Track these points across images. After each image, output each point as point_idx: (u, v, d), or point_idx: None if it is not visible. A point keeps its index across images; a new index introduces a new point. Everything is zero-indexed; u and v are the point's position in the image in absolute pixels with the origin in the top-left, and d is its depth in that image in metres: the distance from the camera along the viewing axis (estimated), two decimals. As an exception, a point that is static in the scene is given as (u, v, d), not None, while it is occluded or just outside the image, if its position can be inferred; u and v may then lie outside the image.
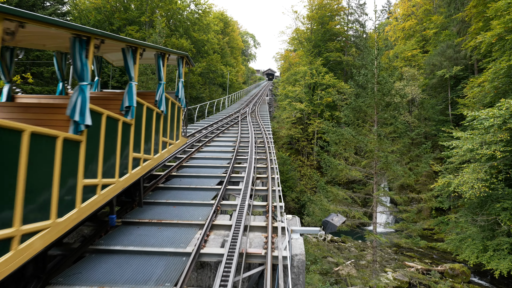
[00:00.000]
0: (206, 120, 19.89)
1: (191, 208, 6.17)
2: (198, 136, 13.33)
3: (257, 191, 7.33)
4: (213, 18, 57.61)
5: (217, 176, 8.17)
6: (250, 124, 16.47)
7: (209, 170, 8.76)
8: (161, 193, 7.00)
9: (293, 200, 41.10)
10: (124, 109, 4.68)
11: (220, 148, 11.49)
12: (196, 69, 31.23)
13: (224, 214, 6.53)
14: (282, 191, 30.38)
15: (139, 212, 5.88)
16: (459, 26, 45.90)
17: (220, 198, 6.47)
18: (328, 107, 45.03)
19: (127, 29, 30.79)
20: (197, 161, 9.75)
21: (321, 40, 51.40)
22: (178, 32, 33.81)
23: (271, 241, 4.80)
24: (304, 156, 45.44)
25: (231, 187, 7.39)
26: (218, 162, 9.59)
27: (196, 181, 7.85)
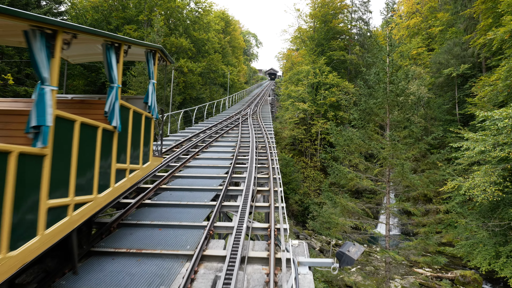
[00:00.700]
0: (205, 123, 18.96)
1: (179, 232, 5.24)
2: (195, 140, 12.42)
3: (258, 207, 6.38)
4: (214, 17, 56.74)
5: (212, 189, 7.24)
6: (251, 127, 15.53)
7: (204, 181, 7.82)
8: (146, 212, 6.07)
9: (296, 203, 40.18)
10: None
11: (217, 154, 10.57)
12: (196, 69, 30.33)
13: (219, 239, 5.58)
14: (284, 193, 29.25)
15: (117, 239, 4.95)
16: (466, 23, 44.79)
17: (214, 219, 5.53)
18: (331, 107, 43.99)
19: (124, 28, 29.93)
20: (191, 170, 8.83)
21: (324, 39, 50.35)
22: (177, 31, 32.92)
23: (273, 280, 3.86)
24: (308, 157, 44.45)
25: (227, 203, 6.44)
26: (214, 171, 8.66)
27: (189, 195, 6.92)
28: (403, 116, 9.55)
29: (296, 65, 55.59)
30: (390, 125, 9.67)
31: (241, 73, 69.09)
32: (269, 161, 9.38)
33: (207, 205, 6.31)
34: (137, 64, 26.83)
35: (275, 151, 10.56)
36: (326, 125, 42.66)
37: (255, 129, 15.19)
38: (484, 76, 29.22)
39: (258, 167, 9.08)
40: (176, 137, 13.77)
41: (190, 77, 30.40)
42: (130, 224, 5.47)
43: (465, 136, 19.01)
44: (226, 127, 16.62)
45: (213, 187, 7.32)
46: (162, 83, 26.38)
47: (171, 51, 30.35)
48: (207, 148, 11.49)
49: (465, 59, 39.68)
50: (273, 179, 7.92)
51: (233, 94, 37.30)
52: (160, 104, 26.11)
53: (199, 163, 9.46)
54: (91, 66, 31.45)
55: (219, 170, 8.73)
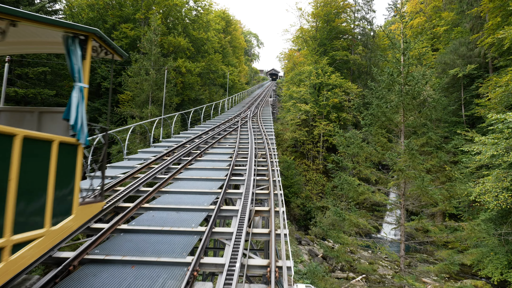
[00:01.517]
0: (202, 126, 17.88)
1: (156, 271, 4.16)
2: (189, 147, 11.35)
3: (255, 235, 5.31)
4: (215, 16, 55.75)
5: (203, 209, 6.16)
6: (250, 131, 14.46)
7: (194, 199, 6.75)
8: (119, 241, 5.00)
9: (298, 207, 39.13)
10: None
11: (212, 163, 9.50)
12: (195, 69, 29.29)
13: (205, 281, 4.50)
14: (286, 196, 28.18)
15: (76, 284, 3.88)
16: (473, 23, 43.73)
17: (201, 253, 4.45)
18: (334, 108, 42.92)
19: (121, 27, 28.93)
20: (181, 183, 7.76)
21: (326, 39, 49.28)
22: (176, 30, 31.90)
23: None
24: (310, 160, 43.37)
25: (219, 229, 5.37)
26: (207, 185, 7.59)
27: (174, 217, 5.84)
28: (420, 121, 8.48)
29: (298, 65, 54.53)
30: (405, 132, 8.60)
31: (242, 74, 68.06)
32: (269, 171, 8.31)
33: (194, 232, 5.24)
34: (134, 64, 25.85)
35: (276, 159, 9.48)
36: (329, 126, 41.63)
37: (255, 134, 14.13)
38: (495, 77, 28.07)
39: (257, 179, 8.01)
40: (169, 143, 12.73)
41: (189, 78, 29.38)
42: (97, 260, 4.39)
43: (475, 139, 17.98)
44: (224, 131, 15.56)
45: (203, 207, 6.24)
46: (159, 83, 25.36)
47: (169, 50, 29.35)
48: (201, 156, 10.43)
49: (471, 59, 38.81)
50: (274, 195, 6.85)
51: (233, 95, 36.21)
52: (156, 105, 25.14)
53: (191, 174, 8.39)
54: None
55: (213, 184, 7.66)
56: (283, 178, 39.51)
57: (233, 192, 7.14)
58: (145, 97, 24.71)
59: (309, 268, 21.71)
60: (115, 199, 6.40)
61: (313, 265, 22.18)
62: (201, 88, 33.72)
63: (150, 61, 24.92)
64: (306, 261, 26.56)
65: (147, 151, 11.06)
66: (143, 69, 23.95)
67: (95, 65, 29.42)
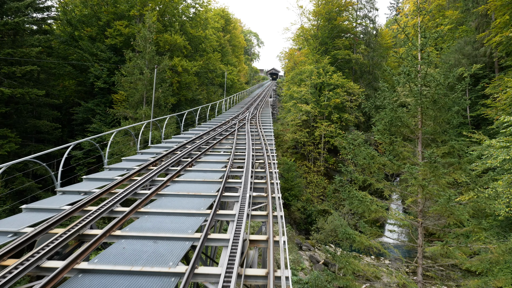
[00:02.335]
0: (197, 129, 16.71)
1: None
2: (179, 153, 10.21)
3: (249, 277, 4.18)
4: (214, 14, 54.63)
5: (186, 238, 5.05)
6: (248, 136, 13.32)
7: (177, 222, 5.64)
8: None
9: (298, 210, 38.08)
10: None
11: (203, 175, 8.37)
12: (192, 68, 28.14)
13: None
14: (286, 199, 26.88)
15: None
16: (478, 21, 42.72)
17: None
18: (336, 108, 41.78)
19: (115, 24, 27.78)
20: (164, 201, 6.63)
21: (328, 37, 48.10)
22: (173, 28, 30.74)
23: None
24: (311, 162, 42.28)
25: (203, 270, 4.24)
26: (194, 204, 6.47)
27: (149, 249, 4.72)
28: (441, 127, 7.38)
29: (298, 64, 53.43)
30: (422, 139, 7.48)
31: (242, 73, 66.93)
32: (268, 185, 7.20)
33: (171, 274, 4.12)
34: (128, 62, 24.71)
35: (275, 169, 8.36)
36: (330, 127, 40.51)
37: (253, 139, 12.99)
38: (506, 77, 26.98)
39: (253, 196, 6.88)
40: (158, 149, 11.60)
41: (185, 77, 28.22)
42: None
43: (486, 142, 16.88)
44: (220, 135, 14.41)
45: (187, 235, 5.11)
46: (153, 83, 24.21)
47: (165, 49, 28.20)
48: (191, 165, 9.30)
49: (477, 58, 37.88)
50: (273, 217, 5.73)
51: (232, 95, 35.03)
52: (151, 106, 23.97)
53: (177, 189, 7.27)
54: (80, 64, 29.34)
55: (201, 202, 6.54)
56: (283, 180, 38.40)
57: (225, 213, 6.02)
58: (139, 97, 23.60)
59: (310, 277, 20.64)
60: (81, 224, 5.29)
61: (314, 273, 21.10)
62: (199, 88, 32.58)
63: (144, 59, 23.78)
64: (307, 268, 25.49)
65: (132, 159, 9.94)
66: (137, 68, 22.83)
67: (88, 63, 28.31)
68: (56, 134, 26.91)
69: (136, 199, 6.96)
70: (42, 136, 27.94)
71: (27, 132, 26.12)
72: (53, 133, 26.63)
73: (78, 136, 30.17)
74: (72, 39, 29.89)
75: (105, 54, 28.31)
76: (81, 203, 6.18)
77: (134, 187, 7.09)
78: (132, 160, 9.77)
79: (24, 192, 22.14)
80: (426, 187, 6.12)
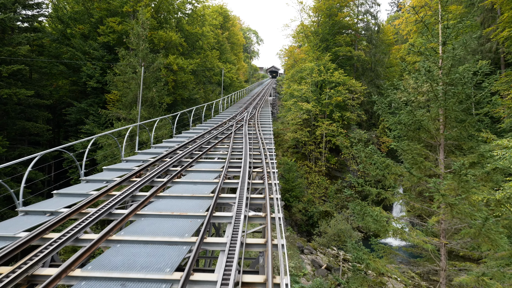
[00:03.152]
0: (191, 132, 15.60)
1: None
2: (168, 161, 9.13)
3: None
4: (212, 11, 53.43)
5: (162, 281, 3.99)
6: (245, 139, 12.24)
7: (154, 256, 4.57)
8: None
9: (300, 211, 37.09)
10: None
11: (193, 188, 7.30)
12: (188, 66, 26.98)
13: None
14: (287, 201, 25.60)
15: None
16: (484, 16, 41.66)
17: None
18: (338, 107, 40.64)
19: (107, 21, 26.63)
20: (142, 224, 5.57)
21: (329, 34, 46.87)
22: (168, 24, 29.58)
23: None
24: (312, 162, 41.18)
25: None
26: (178, 228, 5.41)
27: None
28: (467, 132, 6.30)
29: (299, 62, 52.21)
30: (445, 146, 6.40)
31: (241, 71, 65.75)
32: (266, 200, 6.14)
33: None
34: (122, 59, 23.56)
35: (276, 181, 7.29)
36: (332, 126, 39.40)
37: (250, 143, 11.90)
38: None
39: (249, 216, 5.81)
40: (145, 156, 10.51)
41: (181, 76, 27.08)
42: None
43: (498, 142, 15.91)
44: (215, 138, 13.32)
45: (164, 276, 4.05)
46: (148, 82, 23.12)
47: (160, 46, 27.05)
48: (180, 176, 8.23)
49: (482, 54, 36.82)
50: (273, 246, 4.67)
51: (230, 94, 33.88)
52: (145, 106, 22.89)
53: (160, 207, 6.21)
54: (73, 63, 28.23)
55: (187, 226, 5.48)
56: (283, 181, 37.37)
57: (214, 241, 4.96)
58: (133, 97, 22.51)
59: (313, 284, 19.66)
60: (33, 260, 4.23)
61: (317, 281, 20.10)
62: (196, 87, 31.42)
63: (137, 57, 22.67)
64: (310, 273, 24.50)
65: (115, 168, 8.86)
66: (130, 67, 21.72)
67: (80, 62, 27.19)
68: (47, 136, 25.81)
69: (111, 220, 5.90)
70: (33, 138, 26.93)
71: (16, 134, 25.09)
72: (44, 135, 25.53)
73: (71, 138, 29.09)
74: (64, 37, 28.77)
75: (98, 52, 27.19)
76: (42, 228, 5.12)
77: (110, 205, 6.02)
78: (114, 170, 8.70)
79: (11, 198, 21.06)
80: (456, 206, 5.07)
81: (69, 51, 27.77)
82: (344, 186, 38.74)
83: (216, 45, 44.87)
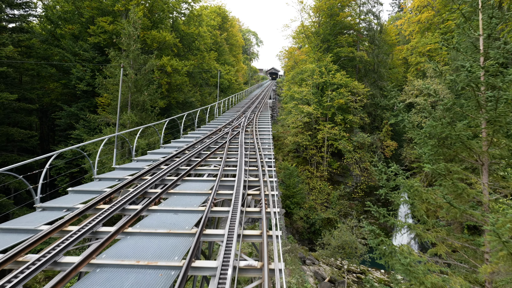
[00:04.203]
0: (181, 141, 14.01)
1: None
2: (148, 180, 7.67)
3: None
4: (210, 12, 52.11)
5: None
6: (241, 150, 10.77)
7: None
8: None
9: (301, 219, 35.58)
10: None
11: (171, 219, 5.83)
12: (183, 68, 25.49)
13: None
14: (288, 208, 23.86)
15: None
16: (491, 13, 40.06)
17: None
18: (340, 110, 39.17)
19: (98, 20, 25.24)
20: (95, 282, 4.10)
21: (330, 34, 45.45)
22: (163, 24, 28.18)
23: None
24: (313, 166, 39.68)
25: None
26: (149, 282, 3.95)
27: None
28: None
29: (299, 63, 50.83)
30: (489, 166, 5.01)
31: (240, 73, 64.39)
32: (264, 239, 4.72)
33: None
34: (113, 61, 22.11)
35: (276, 208, 5.84)
36: (334, 130, 37.94)
37: (246, 156, 10.35)
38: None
39: (240, 267, 4.34)
40: (123, 172, 9.00)
41: (176, 78, 25.62)
42: None
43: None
44: (207, 149, 11.86)
45: None
46: (139, 85, 21.69)
47: (153, 47, 25.60)
48: (159, 201, 6.76)
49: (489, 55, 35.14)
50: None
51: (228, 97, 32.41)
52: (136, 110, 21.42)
53: (125, 252, 4.73)
54: (61, 65, 26.83)
55: (160, 280, 4.01)
56: (284, 187, 35.90)
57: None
58: (123, 101, 21.07)
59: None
60: None
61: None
62: (192, 90, 29.94)
63: (128, 59, 21.25)
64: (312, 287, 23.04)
65: (82, 190, 7.37)
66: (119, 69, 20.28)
67: (70, 64, 25.78)
68: (32, 142, 24.33)
69: (57, 271, 4.43)
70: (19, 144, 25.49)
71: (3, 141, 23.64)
72: (29, 141, 24.06)
73: (61, 144, 27.67)
74: (53, 37, 27.40)
75: (88, 54, 25.78)
76: None
77: (59, 249, 4.57)
78: (81, 192, 7.22)
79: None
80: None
81: (59, 53, 26.38)
82: (346, 191, 37.26)
83: (214, 46, 43.48)
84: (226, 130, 15.10)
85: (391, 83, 45.62)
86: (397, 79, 50.53)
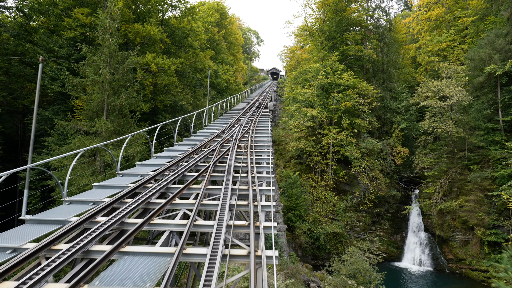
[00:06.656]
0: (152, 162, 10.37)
1: None
2: (102, 223, 4.43)
3: None
4: (207, 8, 48.90)
5: None
6: (227, 182, 7.46)
7: None
8: None
9: (305, 233, 32.29)
10: None
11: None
12: (170, 67, 22.07)
13: None
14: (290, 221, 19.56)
15: None
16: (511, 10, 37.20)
17: None
18: (347, 113, 35.83)
19: (74, 12, 21.98)
20: None
21: (336, 31, 42.11)
22: (151, 17, 24.91)
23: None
24: (317, 175, 36.32)
25: None
26: None
27: None
28: None
29: (302, 62, 47.58)
30: None
31: (240, 73, 61.16)
32: None
33: None
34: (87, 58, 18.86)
35: None
36: (340, 135, 34.64)
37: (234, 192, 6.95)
38: None
39: None
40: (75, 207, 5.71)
41: (162, 78, 22.27)
42: None
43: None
44: (188, 172, 8.52)
45: None
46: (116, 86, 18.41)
47: (136, 42, 22.30)
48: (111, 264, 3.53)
49: (510, 53, 32.32)
50: None
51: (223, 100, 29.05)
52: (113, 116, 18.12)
53: None
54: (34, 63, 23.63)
55: None
56: (285, 199, 32.68)
57: None
58: (97, 106, 17.82)
59: None
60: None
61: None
62: (182, 91, 26.64)
63: (104, 55, 17.99)
64: (319, 315, 19.89)
65: None
66: (92, 67, 17.06)
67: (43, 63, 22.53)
68: (-4, 152, 21.10)
69: None
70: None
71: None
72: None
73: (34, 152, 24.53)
74: (25, 31, 24.19)
75: (64, 50, 22.51)
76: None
77: None
78: None
79: None
80: None
81: (31, 49, 23.15)
82: (354, 203, 34.03)
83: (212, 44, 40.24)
84: (213, 146, 11.66)
85: (401, 84, 42.32)
86: (407, 80, 47.30)
